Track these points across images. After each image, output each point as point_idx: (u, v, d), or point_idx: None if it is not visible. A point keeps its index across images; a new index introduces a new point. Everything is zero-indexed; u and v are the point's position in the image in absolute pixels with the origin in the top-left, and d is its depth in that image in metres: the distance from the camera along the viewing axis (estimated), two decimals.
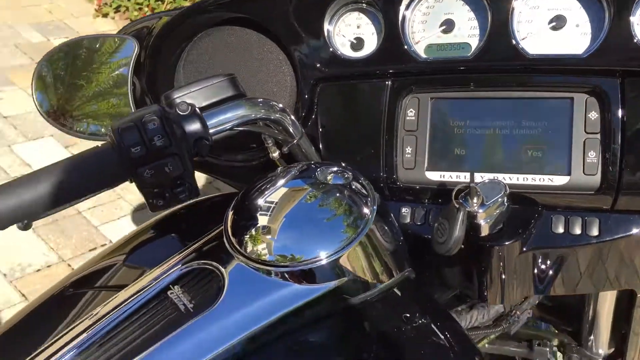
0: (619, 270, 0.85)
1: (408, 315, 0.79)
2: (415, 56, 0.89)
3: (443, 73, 0.89)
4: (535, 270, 0.86)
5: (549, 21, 0.84)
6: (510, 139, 0.85)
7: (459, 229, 0.77)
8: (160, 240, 1.02)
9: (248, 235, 0.76)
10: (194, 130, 0.75)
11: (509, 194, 0.79)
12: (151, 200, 0.76)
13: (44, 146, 3.20)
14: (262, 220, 0.77)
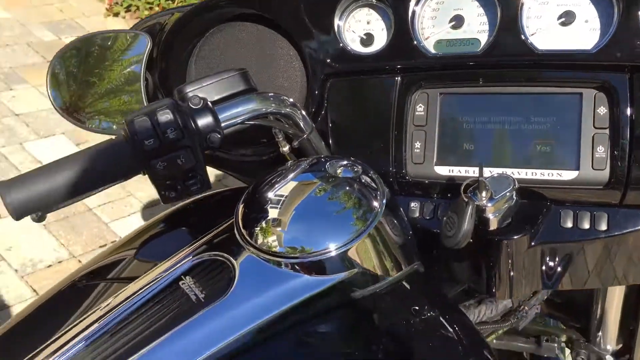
0: (627, 265, 0.85)
1: (417, 308, 0.80)
2: (424, 52, 0.89)
3: (452, 68, 0.89)
4: (544, 265, 0.86)
5: (558, 17, 0.84)
6: (519, 134, 0.86)
7: (468, 223, 0.78)
8: (171, 234, 1.03)
9: (258, 228, 0.77)
10: (206, 123, 0.76)
11: (517, 189, 0.80)
12: (163, 192, 0.77)
13: (55, 144, 3.23)
14: (273, 212, 0.78)
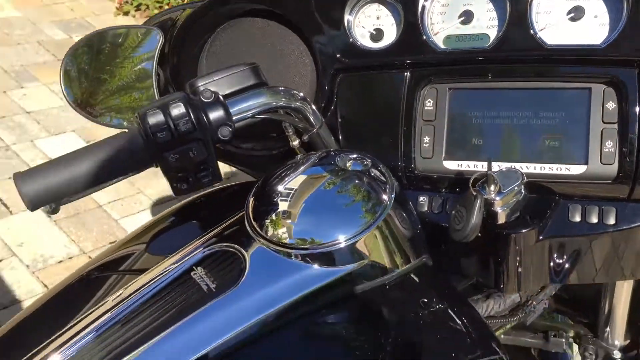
0: (635, 259, 0.85)
1: (425, 300, 0.80)
2: (434, 47, 0.90)
3: (461, 64, 0.89)
4: (552, 259, 0.86)
5: (568, 12, 0.84)
6: (527, 129, 0.86)
7: (476, 216, 0.78)
8: (181, 227, 1.04)
9: (269, 220, 0.78)
10: (217, 116, 0.77)
11: (526, 183, 0.80)
12: (175, 185, 0.78)
13: (66, 141, 3.25)
14: (283, 205, 0.79)
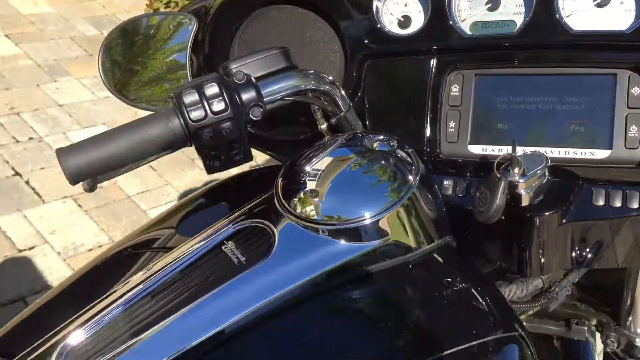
0: None
1: (449, 280, 0.82)
2: (460, 33, 0.91)
3: (487, 50, 0.91)
4: (575, 243, 0.87)
5: None
6: (553, 114, 0.87)
7: (500, 198, 0.79)
8: (210, 208, 1.07)
9: (297, 198, 0.81)
10: (249, 97, 0.80)
11: (550, 167, 0.82)
12: (208, 162, 0.81)
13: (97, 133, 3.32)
14: (311, 184, 0.81)
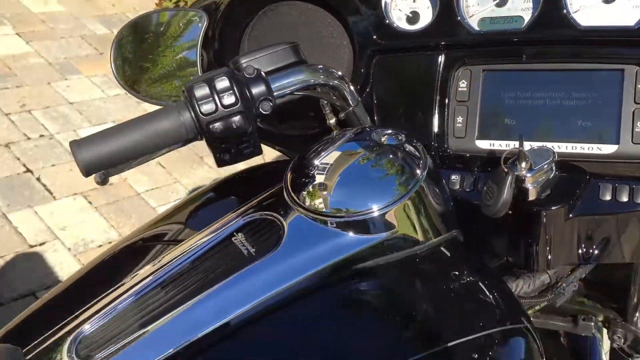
0: None
1: (457, 273, 0.83)
2: (468, 29, 0.92)
3: (495, 45, 0.92)
4: (582, 237, 0.88)
5: None
6: (560, 109, 0.88)
7: (507, 192, 0.80)
8: (219, 201, 1.08)
9: (306, 191, 0.82)
10: (259, 91, 0.81)
11: (557, 162, 0.82)
12: (218, 155, 0.82)
13: None
14: (319, 178, 0.82)
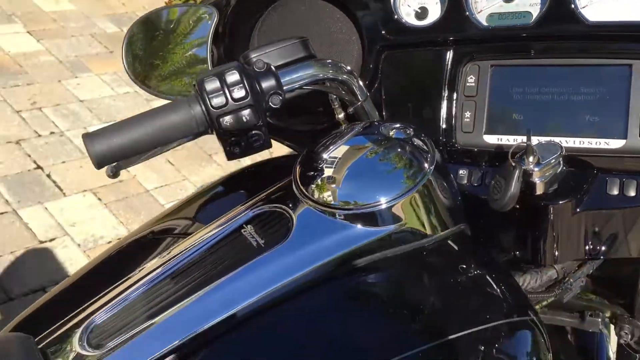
0: None
1: (464, 266, 0.83)
2: (477, 24, 0.93)
3: (503, 41, 0.92)
4: (589, 232, 0.88)
5: None
6: (568, 104, 0.88)
7: (514, 186, 0.80)
8: (228, 195, 1.09)
9: (315, 185, 0.83)
10: (269, 85, 0.82)
11: (565, 157, 0.83)
12: (228, 148, 0.83)
13: None
14: (328, 171, 0.83)
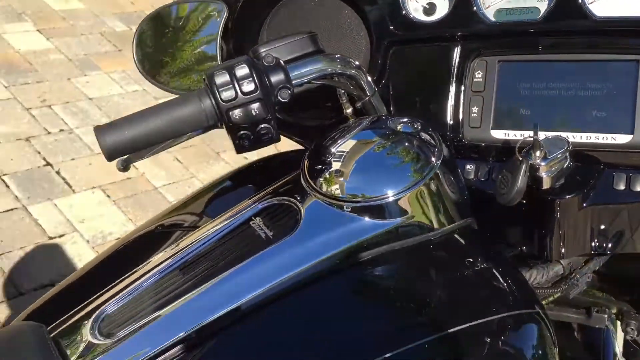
0: None
1: (471, 260, 0.84)
2: (485, 20, 0.93)
3: (511, 36, 0.93)
4: (595, 227, 0.88)
5: None
6: (575, 100, 0.89)
7: (521, 181, 0.81)
8: (236, 189, 1.10)
9: (323, 178, 0.84)
10: (278, 79, 0.83)
11: (571, 152, 0.83)
12: (238, 142, 0.84)
13: None
14: (336, 165, 0.84)
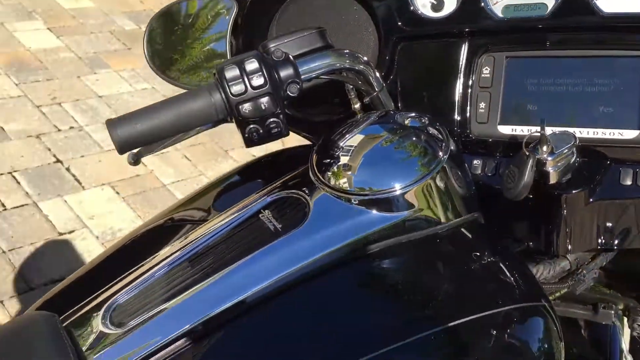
0: None
1: (477, 254, 0.84)
2: (492, 16, 0.94)
3: (519, 32, 0.93)
4: (602, 222, 0.89)
5: None
6: (582, 96, 0.89)
7: (528, 175, 0.82)
8: (245, 183, 1.11)
9: (331, 172, 0.85)
10: (287, 74, 0.84)
11: (578, 147, 0.83)
12: (247, 135, 0.85)
13: None
14: (344, 159, 0.85)
